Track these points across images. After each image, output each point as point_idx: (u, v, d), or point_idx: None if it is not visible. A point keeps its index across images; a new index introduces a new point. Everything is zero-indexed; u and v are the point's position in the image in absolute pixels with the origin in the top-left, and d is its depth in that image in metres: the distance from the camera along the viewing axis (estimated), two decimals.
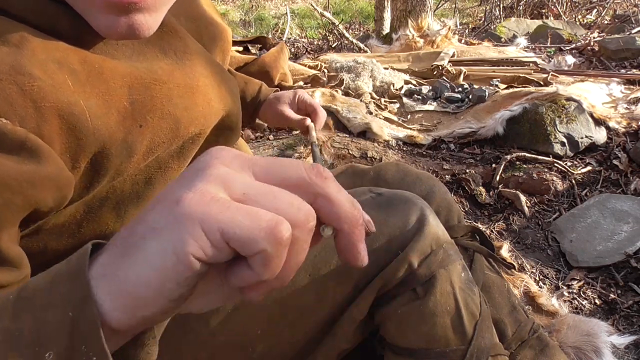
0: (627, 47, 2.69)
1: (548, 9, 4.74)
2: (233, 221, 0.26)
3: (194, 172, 0.29)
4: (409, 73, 2.51)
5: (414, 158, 1.75)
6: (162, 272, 0.26)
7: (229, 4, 6.42)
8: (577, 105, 1.83)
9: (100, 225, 0.53)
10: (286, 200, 0.28)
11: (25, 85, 0.40)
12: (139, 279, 0.27)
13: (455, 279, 0.67)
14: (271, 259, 0.27)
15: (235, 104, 0.65)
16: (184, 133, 0.55)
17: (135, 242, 0.27)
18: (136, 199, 0.54)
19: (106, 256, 0.28)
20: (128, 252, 0.27)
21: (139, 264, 0.27)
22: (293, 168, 0.30)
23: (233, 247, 0.26)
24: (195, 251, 0.26)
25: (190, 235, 0.26)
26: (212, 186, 0.27)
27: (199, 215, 0.26)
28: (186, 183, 0.28)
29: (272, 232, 0.26)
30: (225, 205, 0.26)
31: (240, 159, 0.30)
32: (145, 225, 0.27)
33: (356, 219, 0.31)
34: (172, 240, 0.26)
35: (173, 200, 0.27)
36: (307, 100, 0.88)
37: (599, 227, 1.42)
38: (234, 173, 0.28)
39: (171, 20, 0.56)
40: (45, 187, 0.41)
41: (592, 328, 1.02)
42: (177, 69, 0.55)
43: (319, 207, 0.30)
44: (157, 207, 0.28)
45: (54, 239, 0.49)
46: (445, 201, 0.87)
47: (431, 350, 0.65)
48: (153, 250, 0.27)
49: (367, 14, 5.93)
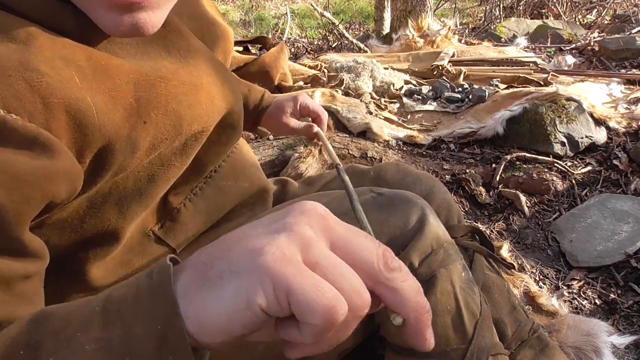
0: (627, 47, 2.69)
1: (548, 9, 4.74)
2: (300, 288, 0.28)
3: (282, 223, 0.31)
4: (409, 73, 2.51)
5: (414, 158, 1.75)
6: (232, 313, 0.29)
7: (229, 4, 6.42)
8: (577, 105, 1.83)
9: (103, 221, 0.53)
10: (351, 283, 0.29)
11: (34, 81, 0.40)
12: (211, 312, 0.29)
13: (455, 279, 0.67)
14: (319, 332, 0.29)
15: (237, 102, 0.65)
16: (186, 130, 0.55)
17: (214, 278, 0.30)
18: (138, 196, 0.55)
19: (187, 277, 0.31)
20: (207, 285, 0.30)
21: (215, 300, 0.29)
22: (367, 250, 0.31)
23: (292, 309, 0.28)
24: (262, 302, 0.28)
25: (262, 287, 0.28)
26: (293, 246, 0.29)
27: (275, 273, 0.28)
28: (272, 233, 0.30)
29: (329, 312, 0.28)
30: (299, 270, 0.28)
31: (323, 223, 0.31)
32: (227, 264, 0.30)
33: (422, 307, 0.32)
34: (246, 288, 0.28)
35: (257, 249, 0.29)
36: (309, 105, 0.89)
37: (599, 227, 1.42)
38: (313, 238, 0.30)
39: (174, 20, 0.57)
40: (60, 181, 0.41)
41: (592, 328, 1.02)
42: (181, 67, 0.55)
43: (382, 294, 0.31)
44: (241, 247, 0.30)
45: (56, 234, 0.49)
46: (445, 201, 0.87)
47: (432, 350, 0.65)
48: (229, 292, 0.29)
49: (367, 14, 5.93)
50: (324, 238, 0.31)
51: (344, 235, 0.32)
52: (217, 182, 0.69)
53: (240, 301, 0.28)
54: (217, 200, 0.68)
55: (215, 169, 0.69)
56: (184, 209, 0.65)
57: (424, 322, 0.32)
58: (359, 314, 0.30)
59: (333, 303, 0.28)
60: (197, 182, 0.66)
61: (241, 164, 0.73)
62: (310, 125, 0.87)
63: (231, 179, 0.70)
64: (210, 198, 0.68)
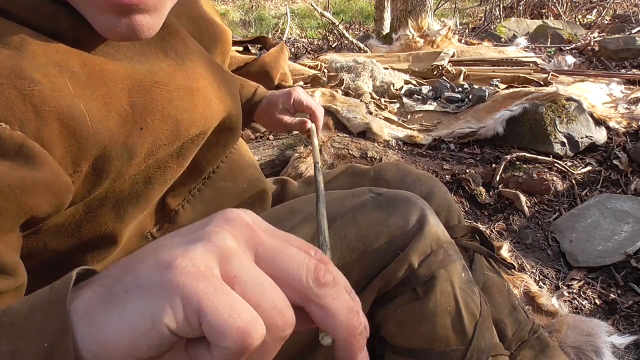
0: (627, 47, 2.69)
1: (548, 9, 4.74)
2: (213, 307, 0.25)
3: (201, 233, 0.28)
4: (409, 73, 2.51)
5: (414, 158, 1.75)
6: (136, 334, 0.26)
7: (229, 4, 6.42)
8: (577, 105, 1.83)
9: (100, 225, 0.53)
10: (272, 301, 0.27)
11: (26, 89, 0.40)
12: (114, 331, 0.26)
13: (455, 279, 0.67)
14: (231, 356, 0.26)
15: (235, 105, 0.65)
16: (184, 135, 0.55)
17: (119, 294, 0.27)
18: (135, 199, 0.54)
19: (92, 292, 0.28)
20: (111, 302, 0.27)
21: (118, 318, 0.26)
22: (296, 264, 0.28)
23: (203, 330, 0.26)
24: (170, 323, 0.25)
25: (170, 306, 0.25)
26: (210, 258, 0.26)
27: (185, 290, 0.25)
28: (187, 243, 0.27)
29: (243, 336, 0.25)
30: (212, 286, 0.25)
31: (248, 233, 0.29)
32: (134, 278, 0.27)
33: (354, 329, 0.29)
34: (152, 307, 0.26)
35: (167, 262, 0.26)
36: (303, 101, 0.86)
37: (599, 227, 1.42)
38: (234, 250, 0.27)
39: (172, 21, 0.56)
40: (40, 193, 0.40)
41: (592, 328, 1.02)
42: (178, 69, 0.55)
43: (312, 311, 0.29)
44: (151, 259, 0.27)
45: (53, 239, 0.49)
46: (446, 201, 0.87)
47: (431, 350, 0.65)
48: (134, 310, 0.26)
49: (367, 14, 5.93)
50: (248, 249, 0.28)
51: (272, 246, 0.29)
52: (216, 184, 0.68)
53: (145, 321, 0.25)
54: (216, 202, 0.68)
55: (214, 170, 0.69)
56: (182, 211, 0.65)
57: (355, 344, 0.29)
58: (280, 335, 0.27)
59: (248, 327, 0.25)
60: (195, 184, 0.66)
61: (239, 164, 0.73)
62: (304, 121, 0.86)
63: (229, 180, 0.70)
64: (209, 199, 0.67)
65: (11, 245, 0.41)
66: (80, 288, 0.28)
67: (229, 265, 0.27)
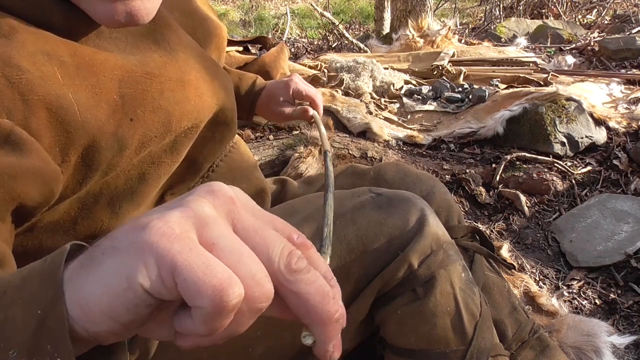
0: (627, 47, 2.69)
1: (548, 9, 4.74)
2: (187, 266, 0.24)
3: (180, 201, 0.28)
4: (409, 73, 2.51)
5: (414, 158, 1.75)
6: (112, 294, 0.25)
7: (229, 4, 6.42)
8: (577, 105, 1.83)
9: (95, 222, 0.52)
10: (250, 269, 0.26)
11: (14, 77, 0.40)
12: (92, 293, 0.26)
13: (455, 280, 0.66)
14: (210, 318, 0.25)
15: (229, 99, 0.65)
16: (176, 127, 0.55)
17: (96, 257, 0.27)
18: (130, 195, 0.54)
19: (77, 261, 0.28)
20: (88, 264, 0.27)
21: (92, 279, 0.26)
22: (269, 248, 0.28)
23: (179, 290, 0.25)
24: (144, 282, 0.25)
25: (144, 265, 0.25)
26: (185, 223, 0.26)
27: (159, 249, 0.25)
28: (166, 210, 0.27)
29: (219, 294, 0.24)
30: (187, 246, 0.25)
31: (230, 206, 0.28)
32: (110, 241, 0.27)
33: (328, 315, 0.28)
34: (125, 266, 0.25)
35: (142, 224, 0.26)
36: (302, 90, 0.87)
37: (599, 227, 1.42)
38: (214, 218, 0.27)
39: (165, 14, 0.57)
40: (28, 180, 0.40)
41: (592, 328, 1.02)
42: (169, 61, 0.55)
43: (286, 297, 0.28)
44: (128, 224, 0.27)
45: (49, 237, 0.49)
46: (446, 201, 0.87)
47: (431, 351, 0.65)
48: (109, 270, 0.26)
49: (367, 14, 5.93)
50: (228, 220, 0.28)
51: (251, 225, 0.28)
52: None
53: (119, 280, 0.25)
54: None
55: (212, 169, 0.68)
56: None
57: (330, 331, 0.28)
58: (257, 306, 0.26)
59: (224, 285, 0.24)
60: (193, 182, 0.66)
61: (239, 163, 0.73)
62: (306, 109, 0.86)
63: (228, 179, 0.70)
64: None
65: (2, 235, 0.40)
66: (72, 259, 0.28)
67: (207, 232, 0.26)
